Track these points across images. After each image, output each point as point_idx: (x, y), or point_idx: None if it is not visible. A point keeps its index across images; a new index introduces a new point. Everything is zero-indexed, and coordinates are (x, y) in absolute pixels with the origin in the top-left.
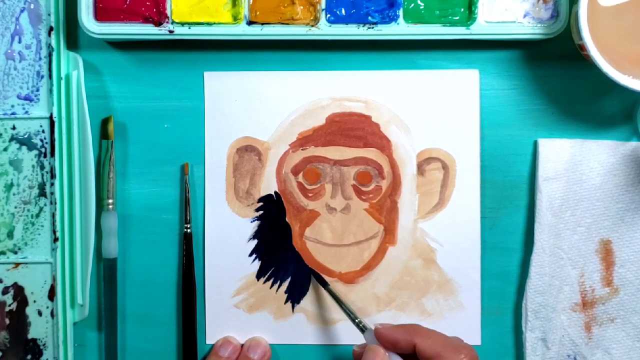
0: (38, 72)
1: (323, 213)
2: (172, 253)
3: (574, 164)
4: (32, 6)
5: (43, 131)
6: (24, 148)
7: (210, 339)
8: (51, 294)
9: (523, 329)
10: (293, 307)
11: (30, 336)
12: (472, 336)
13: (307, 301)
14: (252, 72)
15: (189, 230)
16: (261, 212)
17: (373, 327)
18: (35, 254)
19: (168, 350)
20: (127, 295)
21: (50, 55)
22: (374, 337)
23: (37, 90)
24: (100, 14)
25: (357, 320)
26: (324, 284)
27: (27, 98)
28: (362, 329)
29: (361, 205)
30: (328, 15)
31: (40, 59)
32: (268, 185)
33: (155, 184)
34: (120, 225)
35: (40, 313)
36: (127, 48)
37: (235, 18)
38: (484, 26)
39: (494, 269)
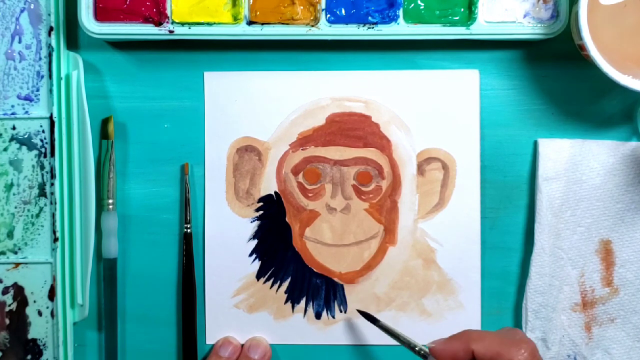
0: (38, 72)
1: (323, 213)
2: (172, 253)
3: (574, 164)
4: (32, 6)
5: (43, 131)
6: (24, 148)
7: (210, 339)
8: (51, 294)
9: (523, 329)
10: (293, 307)
11: (30, 336)
12: None
13: (307, 301)
14: (252, 72)
15: (189, 230)
16: (261, 212)
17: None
18: (35, 254)
19: (168, 350)
20: (127, 295)
21: (50, 55)
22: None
23: (37, 90)
24: (100, 14)
25: (417, 349)
26: (375, 322)
27: (27, 98)
28: (425, 355)
29: (361, 205)
30: (328, 15)
31: (40, 59)
32: (268, 185)
33: (155, 184)
34: (120, 225)
35: (40, 313)
36: (127, 48)
37: (235, 18)
38: (484, 26)
39: (494, 269)
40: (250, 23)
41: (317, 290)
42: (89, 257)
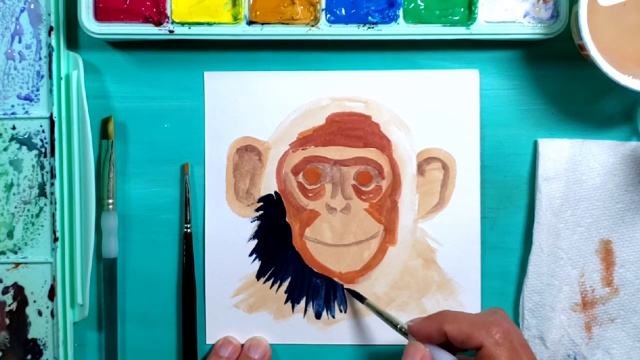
0: (38, 72)
1: (323, 213)
2: (172, 253)
3: (574, 164)
4: (32, 6)
5: (43, 131)
6: (24, 148)
7: (210, 339)
8: (51, 294)
9: (520, 327)
10: (293, 307)
11: (30, 336)
12: None
13: (307, 301)
14: (252, 72)
15: (189, 230)
16: (261, 212)
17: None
18: (35, 254)
19: (168, 350)
20: (127, 295)
21: (50, 55)
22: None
23: (37, 90)
24: (100, 14)
25: (399, 326)
26: (362, 299)
27: (27, 98)
28: (406, 333)
29: (361, 205)
30: (328, 15)
31: (40, 59)
32: (268, 185)
33: (155, 184)
34: (120, 225)
35: (40, 313)
36: (127, 48)
37: (235, 18)
38: (484, 26)
39: (494, 269)
40: (250, 23)
41: (317, 290)
42: (89, 257)
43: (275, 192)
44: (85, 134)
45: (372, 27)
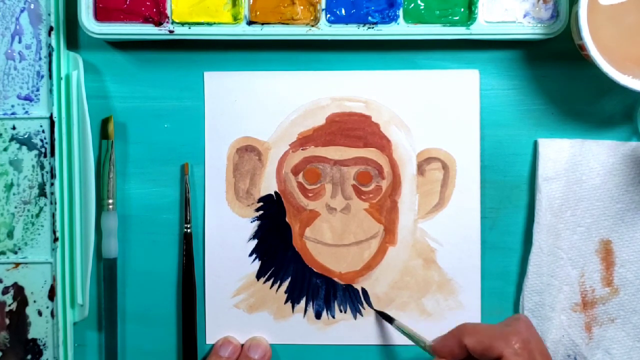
0: (38, 72)
1: (323, 213)
2: (172, 253)
3: (574, 164)
4: (32, 6)
5: (43, 131)
6: (24, 148)
7: (210, 339)
8: (51, 294)
9: None
10: (293, 307)
11: (30, 336)
12: None
13: (307, 301)
14: (252, 72)
15: (189, 230)
16: (261, 212)
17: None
18: (35, 254)
19: (168, 350)
20: (127, 295)
21: (50, 55)
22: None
23: (37, 90)
24: (100, 14)
25: (427, 345)
26: (391, 321)
27: (27, 98)
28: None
29: (361, 205)
30: (328, 15)
31: (40, 59)
32: (268, 185)
33: (155, 184)
34: (120, 225)
35: (40, 313)
36: (127, 48)
37: (235, 18)
38: (484, 26)
39: (494, 269)
40: (250, 23)
41: (317, 290)
42: (89, 257)
43: (275, 192)
44: (85, 134)
45: (372, 27)
